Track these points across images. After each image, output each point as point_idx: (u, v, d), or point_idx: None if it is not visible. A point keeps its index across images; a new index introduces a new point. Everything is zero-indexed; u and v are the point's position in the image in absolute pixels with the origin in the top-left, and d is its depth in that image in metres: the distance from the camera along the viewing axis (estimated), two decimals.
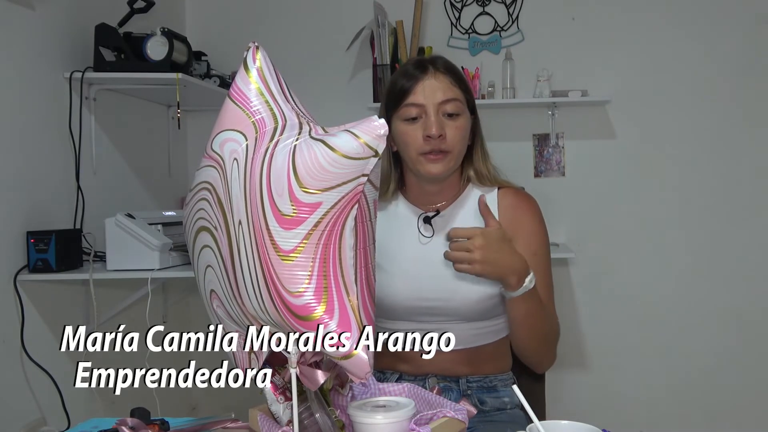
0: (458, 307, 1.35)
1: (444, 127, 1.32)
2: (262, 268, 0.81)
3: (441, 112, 1.32)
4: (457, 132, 1.33)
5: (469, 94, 1.38)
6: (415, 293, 1.36)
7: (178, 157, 2.89)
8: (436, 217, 1.40)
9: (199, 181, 0.89)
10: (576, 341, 2.90)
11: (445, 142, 1.32)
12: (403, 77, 1.35)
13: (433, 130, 1.30)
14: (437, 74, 1.34)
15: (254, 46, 0.87)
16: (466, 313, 1.35)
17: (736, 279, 2.82)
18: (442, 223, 1.40)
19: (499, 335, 1.43)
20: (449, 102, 1.32)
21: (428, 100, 1.32)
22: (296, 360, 0.89)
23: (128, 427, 1.02)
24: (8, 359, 1.87)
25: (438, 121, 1.31)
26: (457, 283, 1.34)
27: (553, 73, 2.80)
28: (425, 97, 1.32)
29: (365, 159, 0.79)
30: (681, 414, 2.85)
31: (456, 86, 1.34)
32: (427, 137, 1.31)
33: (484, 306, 1.35)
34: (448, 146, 1.32)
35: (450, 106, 1.32)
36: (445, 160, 1.33)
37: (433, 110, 1.31)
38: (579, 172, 2.87)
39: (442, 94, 1.32)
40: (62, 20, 2.12)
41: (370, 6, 2.72)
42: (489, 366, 1.41)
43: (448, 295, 1.34)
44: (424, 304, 1.36)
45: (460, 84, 1.35)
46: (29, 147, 1.97)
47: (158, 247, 1.95)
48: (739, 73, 2.79)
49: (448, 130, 1.32)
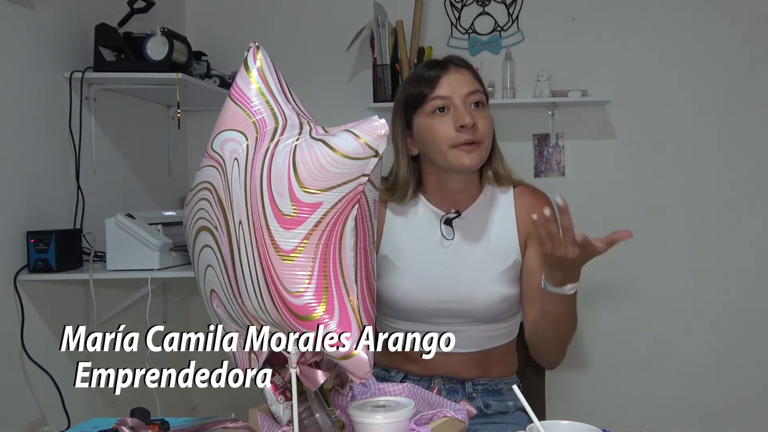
0: (475, 309, 1.34)
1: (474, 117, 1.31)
2: (262, 267, 0.81)
3: (468, 103, 1.32)
4: (487, 122, 1.33)
5: (485, 93, 1.39)
6: (433, 295, 1.35)
7: (178, 157, 2.89)
8: (457, 219, 1.39)
9: (200, 181, 0.89)
10: (576, 341, 2.87)
11: (477, 132, 1.31)
12: (421, 77, 1.35)
13: (467, 119, 1.29)
14: (459, 68, 1.34)
15: (255, 46, 0.87)
16: (483, 315, 1.35)
17: (736, 279, 2.82)
18: (463, 224, 1.39)
19: (509, 337, 1.43)
20: (475, 93, 1.33)
21: (455, 92, 1.31)
22: (296, 360, 0.89)
23: (128, 427, 1.02)
24: (8, 359, 1.87)
25: (468, 112, 1.30)
26: (476, 285, 1.34)
27: (553, 73, 2.80)
28: (452, 89, 1.31)
29: (366, 159, 0.79)
30: (681, 414, 2.84)
31: (476, 80, 1.36)
32: (461, 127, 1.29)
33: (500, 308, 1.35)
34: (480, 136, 1.31)
35: (476, 97, 1.33)
36: (478, 150, 1.32)
37: (461, 101, 1.31)
38: (579, 172, 2.87)
39: (467, 86, 1.32)
40: (62, 20, 2.12)
41: (370, 6, 2.72)
42: (497, 369, 1.41)
43: (466, 297, 1.34)
44: (441, 306, 1.35)
45: (478, 78, 1.37)
46: (29, 147, 1.97)
47: (158, 247, 1.95)
48: (739, 73, 2.79)
49: (479, 120, 1.31)
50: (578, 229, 1.06)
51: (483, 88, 1.37)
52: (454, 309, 1.35)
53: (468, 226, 1.39)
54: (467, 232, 1.39)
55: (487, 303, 1.34)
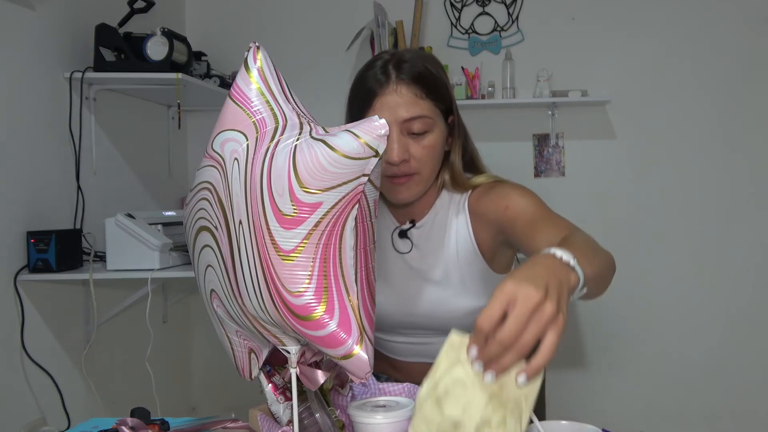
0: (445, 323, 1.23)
1: (408, 149, 1.16)
2: (262, 267, 0.81)
3: (405, 131, 1.15)
4: (425, 151, 1.17)
5: (443, 101, 1.20)
6: (400, 308, 1.28)
7: (178, 157, 2.89)
8: (413, 229, 1.28)
9: (200, 181, 0.89)
10: (576, 341, 2.90)
11: (409, 166, 1.16)
12: (364, 85, 1.20)
13: (394, 156, 1.13)
14: (400, 87, 1.15)
15: (255, 46, 0.87)
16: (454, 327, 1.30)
17: (736, 279, 2.82)
18: (420, 235, 1.28)
19: None
20: (414, 120, 1.15)
21: (389, 118, 1.13)
22: (296, 360, 0.89)
23: (128, 427, 1.02)
24: (8, 359, 1.87)
25: (401, 144, 1.14)
26: (439, 300, 1.25)
27: (553, 73, 2.80)
28: (385, 115, 1.13)
29: (366, 159, 0.79)
30: (681, 414, 2.85)
31: (424, 98, 1.16)
32: (388, 163, 1.14)
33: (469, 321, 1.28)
34: (415, 168, 1.17)
35: (416, 125, 1.15)
36: (411, 183, 1.18)
37: (395, 131, 1.14)
38: (579, 172, 2.87)
39: (406, 111, 1.14)
40: (62, 20, 2.12)
41: (370, 6, 2.72)
42: None
43: (430, 311, 1.25)
44: (410, 320, 1.28)
45: (430, 93, 1.17)
46: (29, 147, 1.97)
47: (158, 247, 1.95)
48: (739, 73, 2.79)
49: (414, 150, 1.16)
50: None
51: (435, 102, 1.17)
52: (423, 323, 1.28)
53: (426, 236, 1.27)
54: (425, 243, 1.27)
55: (453, 317, 1.23)
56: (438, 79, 1.20)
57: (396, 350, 1.36)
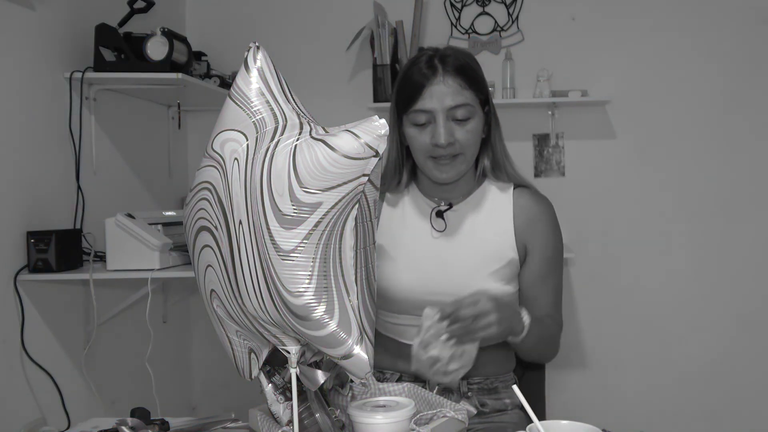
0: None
1: (453, 133, 1.29)
2: (262, 267, 0.81)
3: (450, 117, 1.29)
4: (468, 135, 1.31)
5: (483, 92, 1.34)
6: (425, 287, 1.34)
7: (178, 157, 2.89)
8: (449, 212, 1.39)
9: (200, 181, 0.89)
10: (576, 341, 2.90)
11: (454, 148, 1.30)
12: (411, 79, 1.32)
13: (442, 139, 1.28)
14: (446, 78, 1.29)
15: (255, 47, 0.87)
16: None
17: (736, 279, 2.82)
18: (455, 218, 1.38)
19: None
20: (459, 108, 1.29)
21: (438, 106, 1.28)
22: (296, 360, 0.89)
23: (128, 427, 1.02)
24: (8, 359, 1.86)
25: (447, 129, 1.28)
26: (467, 280, 1.32)
27: (553, 73, 2.80)
28: (435, 103, 1.28)
29: (366, 159, 0.80)
30: (681, 414, 2.84)
31: (467, 88, 1.30)
32: (435, 146, 1.29)
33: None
34: (459, 149, 1.30)
35: (460, 112, 1.29)
36: (455, 163, 1.31)
37: (442, 117, 1.28)
38: (579, 172, 2.87)
39: (451, 99, 1.28)
40: (62, 20, 2.12)
41: (370, 6, 2.72)
42: (492, 367, 1.40)
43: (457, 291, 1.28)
44: (434, 299, 1.30)
45: (471, 84, 1.31)
46: (29, 147, 1.97)
47: (158, 247, 1.95)
48: (739, 73, 2.79)
49: (458, 134, 1.30)
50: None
51: (476, 92, 1.32)
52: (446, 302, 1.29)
53: (460, 219, 1.38)
54: (460, 226, 1.38)
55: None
56: (477, 72, 1.35)
57: (406, 334, 1.38)
